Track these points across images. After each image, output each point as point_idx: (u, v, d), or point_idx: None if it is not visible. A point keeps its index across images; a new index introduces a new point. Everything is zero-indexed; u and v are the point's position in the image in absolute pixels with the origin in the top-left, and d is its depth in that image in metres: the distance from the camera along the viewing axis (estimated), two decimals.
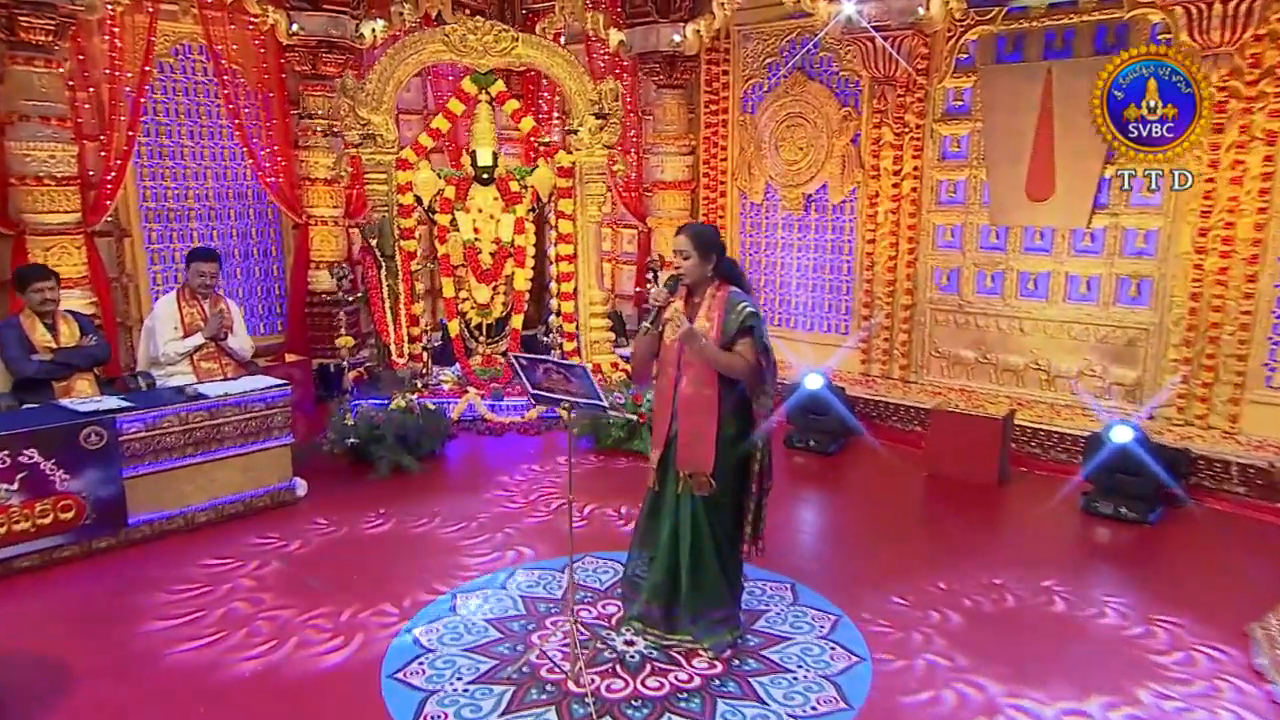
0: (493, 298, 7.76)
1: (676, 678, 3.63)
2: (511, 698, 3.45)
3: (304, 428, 6.26)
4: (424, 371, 7.28)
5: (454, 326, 7.64)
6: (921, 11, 6.50)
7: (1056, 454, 6.31)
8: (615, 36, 8.25)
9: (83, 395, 5.35)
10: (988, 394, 6.87)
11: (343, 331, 6.75)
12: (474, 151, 7.55)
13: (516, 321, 7.77)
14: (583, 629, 3.89)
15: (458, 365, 7.77)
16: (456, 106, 7.64)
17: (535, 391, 3.55)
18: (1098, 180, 6.32)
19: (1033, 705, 3.46)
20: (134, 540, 4.93)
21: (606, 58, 8.46)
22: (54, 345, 5.31)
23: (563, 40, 8.41)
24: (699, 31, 7.78)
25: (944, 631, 3.98)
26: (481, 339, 7.87)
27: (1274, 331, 5.78)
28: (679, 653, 3.79)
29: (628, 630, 3.95)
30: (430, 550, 4.87)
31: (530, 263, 7.79)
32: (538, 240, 7.70)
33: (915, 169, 7.16)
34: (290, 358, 7.95)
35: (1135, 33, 6.09)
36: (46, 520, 4.58)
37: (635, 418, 3.31)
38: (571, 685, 3.51)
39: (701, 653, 3.79)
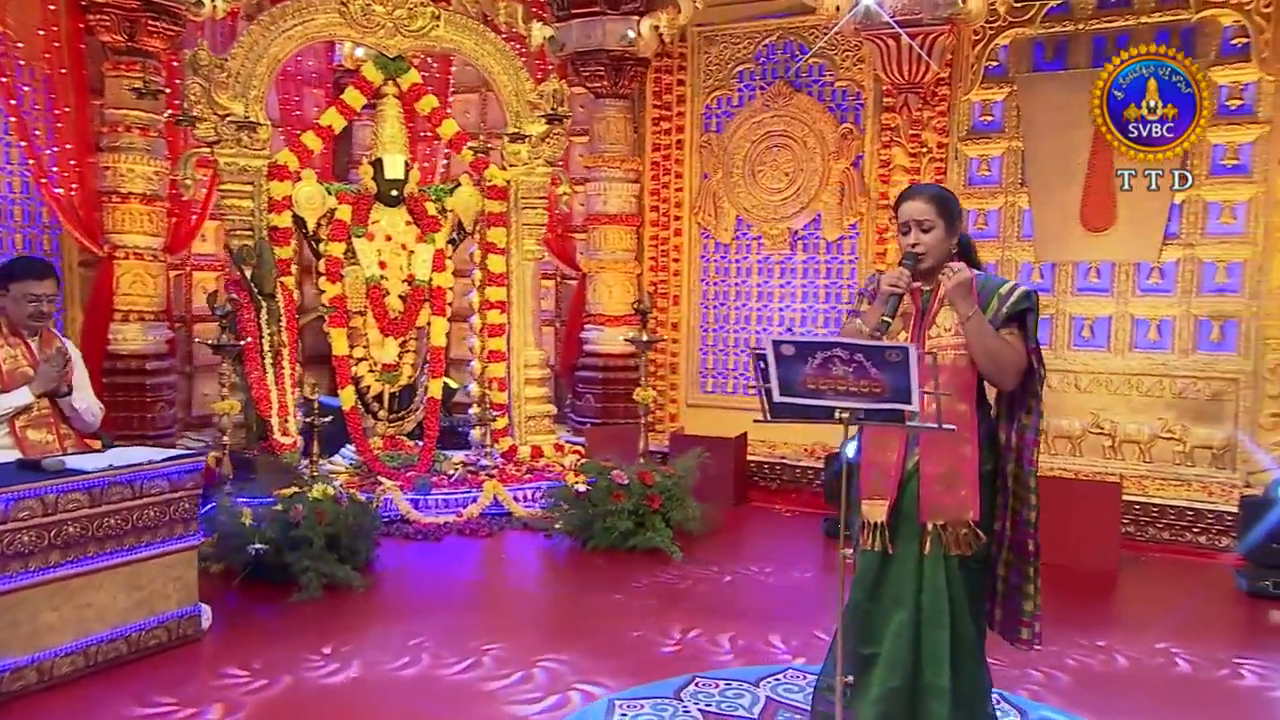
0: (400, 356, 6.80)
1: None
2: None
3: None
4: (312, 459, 6.12)
5: (348, 397, 6.57)
6: (961, 3, 6.58)
7: (1156, 532, 6.16)
8: (539, 32, 7.73)
9: None
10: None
11: (224, 394, 5.52)
12: (379, 160, 6.67)
13: (435, 389, 6.77)
14: None
15: (352, 449, 6.67)
16: (355, 99, 6.77)
17: (782, 400, 2.85)
18: (1169, 205, 6.48)
19: None
20: None
21: (524, 59, 7.93)
22: None
23: None
24: (658, 28, 7.43)
25: None
26: (383, 413, 6.83)
27: None
28: None
29: None
30: (444, 702, 3.88)
31: (449, 310, 6.94)
32: None
33: None
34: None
35: (1204, 38, 6.22)
36: None
37: (938, 425, 2.72)
38: None
39: None
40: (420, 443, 6.69)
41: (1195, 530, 6.05)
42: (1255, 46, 6.16)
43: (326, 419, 6.26)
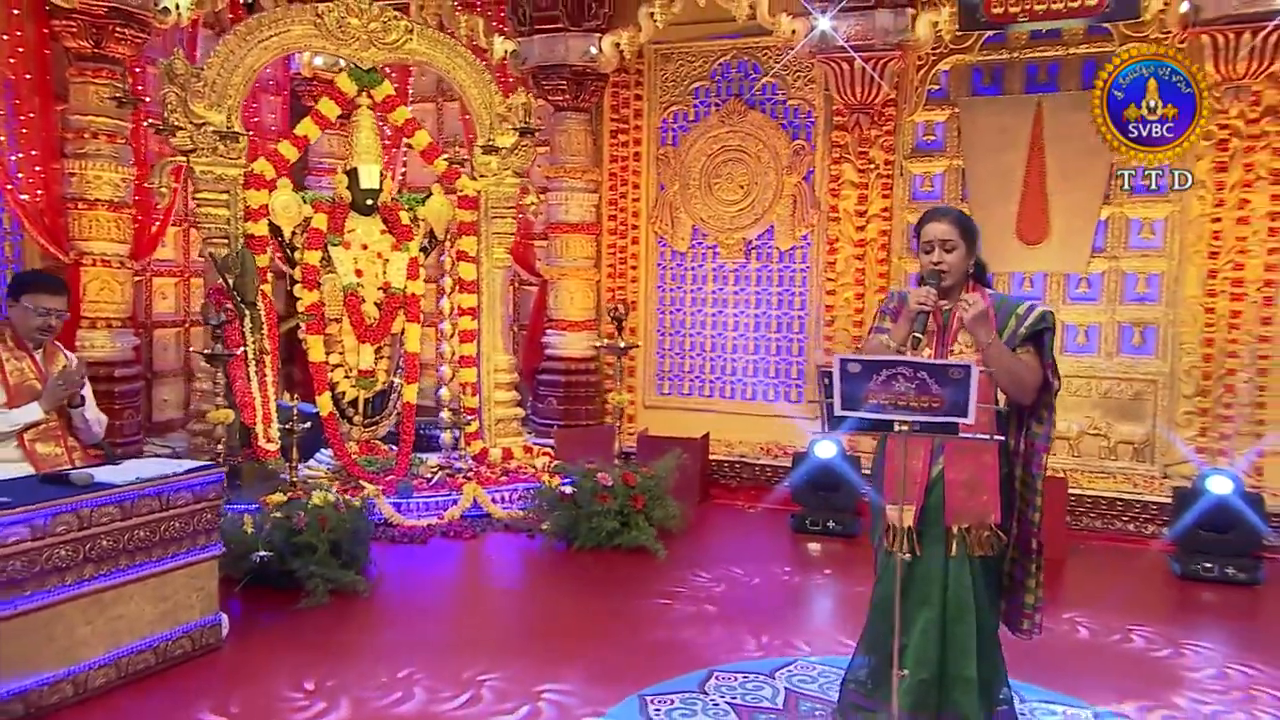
0: (376, 362, 6.71)
1: None
2: None
3: None
4: (292, 464, 6.01)
5: (325, 403, 6.46)
6: (911, 30, 6.76)
7: (1089, 520, 6.45)
8: (501, 45, 7.71)
9: None
10: None
11: (219, 403, 5.37)
12: (354, 170, 6.55)
13: (410, 394, 6.69)
14: None
15: (328, 454, 6.56)
16: (329, 109, 6.65)
17: (842, 413, 2.95)
18: (1096, 222, 6.80)
19: None
20: None
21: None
22: None
23: None
24: (619, 45, 7.48)
25: None
26: (358, 419, 6.73)
27: None
28: None
29: None
30: None
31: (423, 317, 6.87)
32: None
33: (885, 210, 7.29)
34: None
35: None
36: None
37: (990, 437, 2.81)
38: None
39: None
40: (394, 447, 6.63)
41: (1124, 519, 6.41)
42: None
43: (305, 425, 6.20)
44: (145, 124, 6.42)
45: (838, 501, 6.14)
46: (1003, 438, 2.99)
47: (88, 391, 4.48)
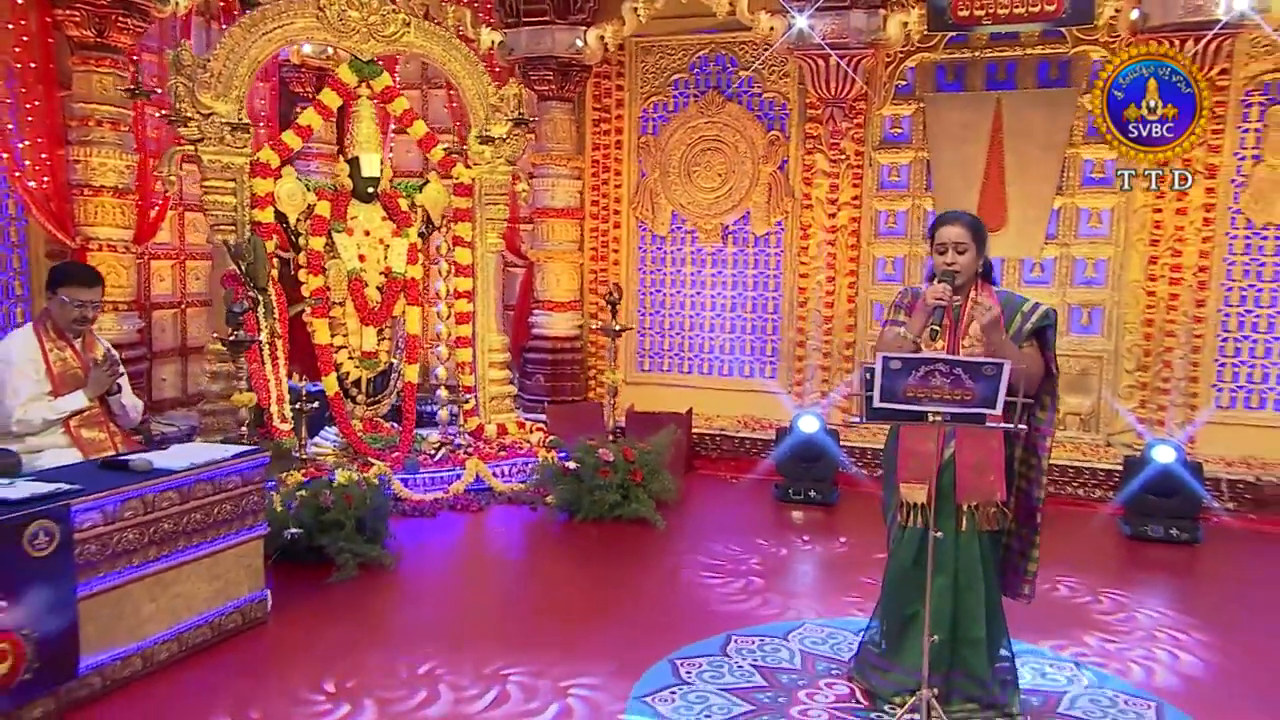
0: (378, 344, 6.77)
1: None
2: None
3: None
4: (301, 443, 6.09)
5: (331, 384, 6.51)
6: (883, 30, 6.95)
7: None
8: (488, 36, 7.74)
9: None
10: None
11: (243, 387, 5.41)
12: (355, 159, 6.56)
13: (411, 374, 6.78)
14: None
15: (334, 432, 6.63)
16: (331, 99, 6.64)
17: (880, 405, 3.14)
18: (1050, 211, 7.13)
19: None
20: (77, 700, 3.48)
21: None
22: None
23: None
24: (604, 38, 7.57)
25: None
26: (361, 398, 6.80)
27: (1220, 354, 6.90)
28: None
29: (895, 704, 3.45)
30: None
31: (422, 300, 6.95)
32: None
33: (855, 198, 7.50)
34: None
35: (1077, 69, 6.92)
36: None
37: (1014, 426, 3.00)
38: None
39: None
40: (395, 424, 6.72)
41: (1074, 485, 6.76)
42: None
43: (313, 405, 6.28)
44: (158, 115, 6.36)
45: (818, 472, 6.40)
46: (1025, 427, 3.21)
47: (123, 379, 4.53)
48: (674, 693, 3.55)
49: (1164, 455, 5.79)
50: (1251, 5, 5.97)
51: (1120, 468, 6.23)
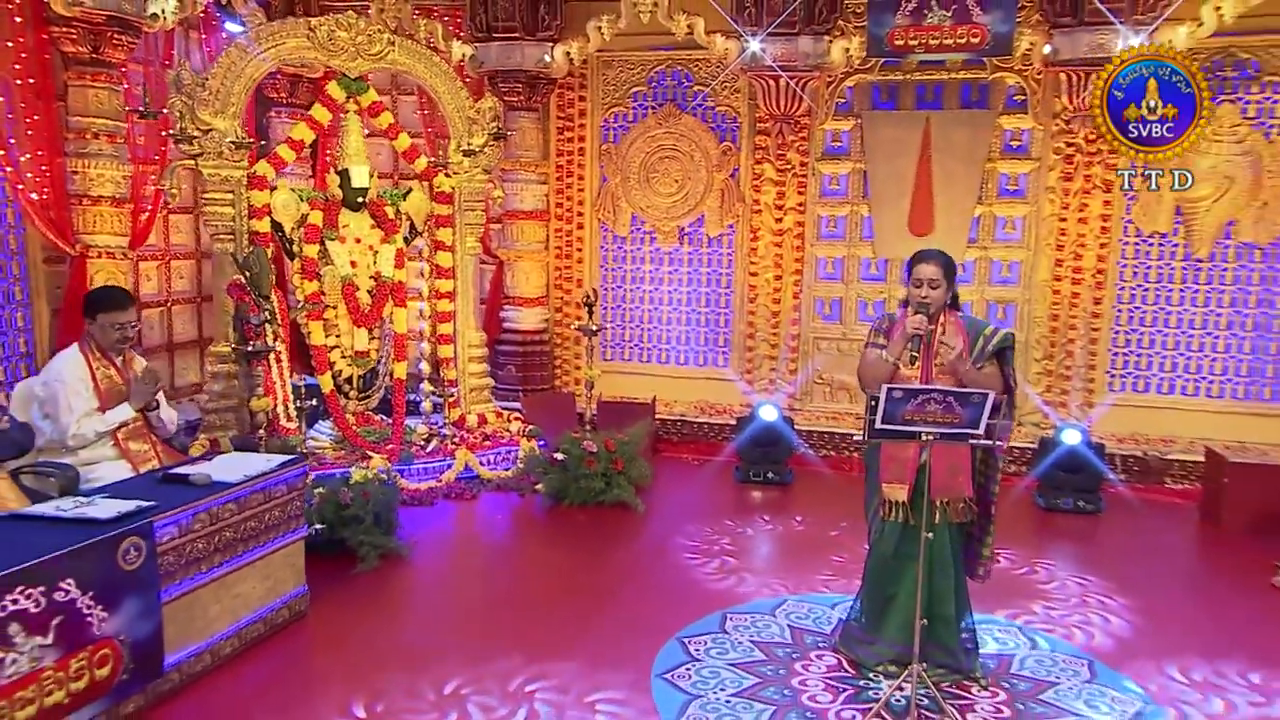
0: (369, 343, 6.91)
1: None
2: None
3: None
4: (303, 438, 6.24)
5: (326, 382, 6.64)
6: (828, 54, 7.29)
7: None
8: (459, 49, 7.84)
9: (4, 503, 3.84)
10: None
11: (260, 392, 5.52)
12: (345, 171, 6.65)
13: (400, 370, 6.95)
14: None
15: (328, 426, 6.77)
16: (322, 115, 6.70)
17: (881, 427, 3.48)
18: (971, 219, 7.66)
19: None
20: (162, 694, 3.67)
21: None
22: None
23: None
24: (570, 54, 7.74)
25: None
26: (353, 394, 6.94)
27: (1113, 345, 7.58)
28: (952, 703, 3.71)
29: (878, 673, 3.87)
30: None
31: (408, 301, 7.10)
32: None
33: (799, 204, 7.89)
34: None
35: (995, 93, 7.44)
36: (81, 683, 3.19)
37: (994, 442, 3.35)
38: None
39: (978, 683, 3.86)
40: (384, 417, 6.89)
41: None
42: (1030, 103, 7.33)
43: (311, 402, 6.44)
44: (164, 134, 6.36)
45: (775, 455, 6.81)
46: (1004, 443, 3.60)
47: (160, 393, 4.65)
48: (689, 669, 3.92)
49: (1071, 437, 6.35)
50: (1144, 46, 6.47)
51: (1035, 446, 6.77)
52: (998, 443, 3.56)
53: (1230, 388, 7.27)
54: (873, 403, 3.43)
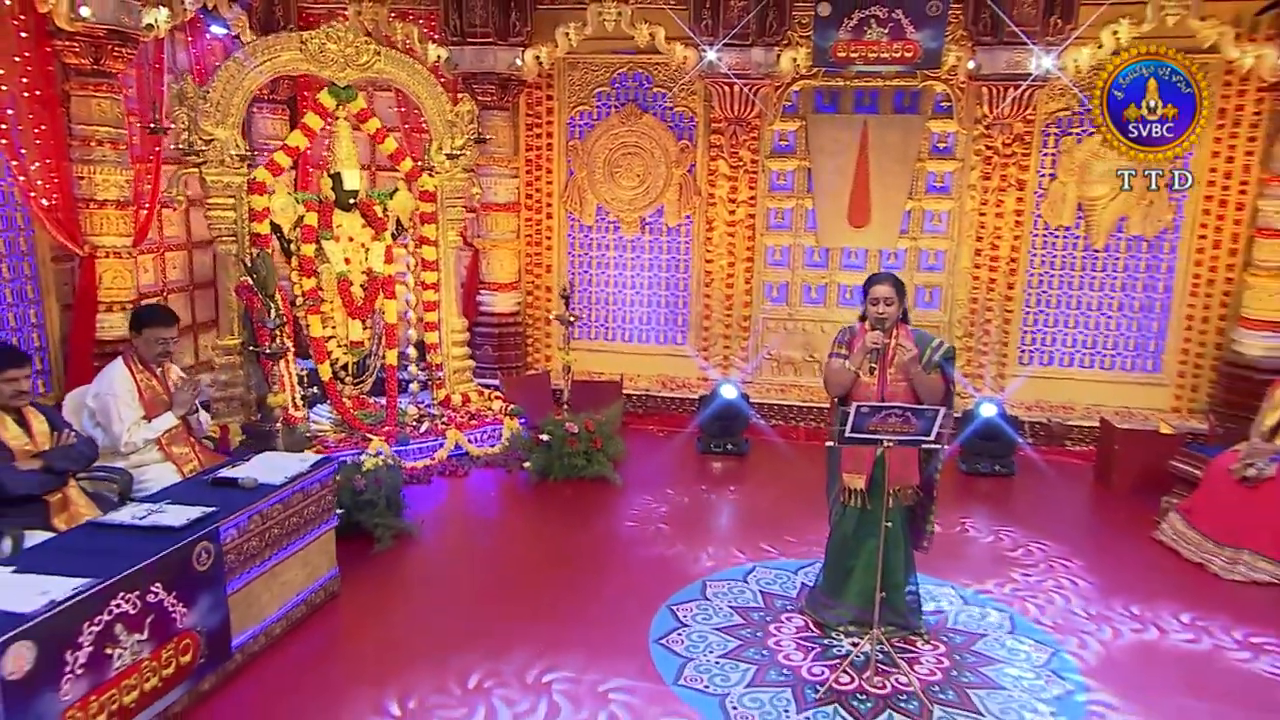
0: (363, 333, 7.13)
1: (898, 680, 4.00)
2: None
3: None
4: (306, 422, 6.48)
5: (325, 370, 6.86)
6: (778, 63, 7.62)
7: None
8: (434, 52, 7.94)
9: (78, 511, 4.06)
10: (815, 388, 8.33)
11: (274, 389, 5.74)
12: (337, 174, 6.81)
13: (391, 357, 7.21)
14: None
15: (325, 409, 7.00)
16: (314, 122, 6.81)
17: (849, 435, 3.90)
18: (903, 212, 8.16)
19: None
20: (231, 673, 3.98)
21: None
22: (31, 447, 3.95)
23: None
24: (539, 58, 7.91)
25: None
26: (349, 380, 7.18)
27: (1024, 325, 8.19)
28: (902, 657, 4.17)
29: (840, 633, 4.35)
30: None
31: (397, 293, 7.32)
32: None
33: (750, 198, 8.27)
34: None
35: (925, 99, 7.90)
36: (170, 670, 3.53)
37: (940, 445, 3.80)
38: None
39: (921, 638, 4.36)
40: (378, 400, 7.13)
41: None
42: (955, 109, 7.77)
43: (312, 390, 6.68)
44: (171, 146, 6.43)
45: (733, 428, 7.27)
46: (948, 446, 4.07)
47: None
48: (680, 635, 4.37)
49: (988, 410, 6.93)
50: (1055, 64, 6.96)
51: (959, 416, 7.33)
52: (945, 446, 4.03)
53: (1120, 360, 7.95)
54: (845, 415, 3.86)
